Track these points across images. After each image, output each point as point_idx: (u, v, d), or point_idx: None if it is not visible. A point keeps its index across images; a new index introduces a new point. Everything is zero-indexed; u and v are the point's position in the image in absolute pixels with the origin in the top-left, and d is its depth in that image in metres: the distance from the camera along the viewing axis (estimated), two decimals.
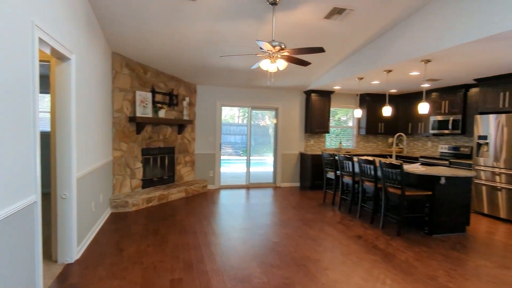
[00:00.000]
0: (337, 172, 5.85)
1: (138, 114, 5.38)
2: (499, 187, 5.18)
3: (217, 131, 7.34)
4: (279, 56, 3.56)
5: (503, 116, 5.13)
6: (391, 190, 4.32)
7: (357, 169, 5.43)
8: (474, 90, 6.17)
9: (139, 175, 5.63)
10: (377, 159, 5.14)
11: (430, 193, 4.21)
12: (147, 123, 5.59)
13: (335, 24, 4.19)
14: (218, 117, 7.32)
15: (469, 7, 3.32)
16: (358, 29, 4.39)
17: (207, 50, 4.97)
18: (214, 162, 7.34)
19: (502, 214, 5.11)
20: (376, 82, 6.20)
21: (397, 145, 8.52)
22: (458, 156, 6.59)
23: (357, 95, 8.28)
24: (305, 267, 3.11)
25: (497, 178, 5.21)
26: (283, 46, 3.44)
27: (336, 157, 5.76)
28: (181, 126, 6.54)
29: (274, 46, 3.38)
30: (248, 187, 7.65)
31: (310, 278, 2.86)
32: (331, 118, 8.11)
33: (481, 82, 5.60)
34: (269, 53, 3.51)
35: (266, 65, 3.59)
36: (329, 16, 3.95)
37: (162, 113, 5.84)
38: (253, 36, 4.41)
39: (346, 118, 8.40)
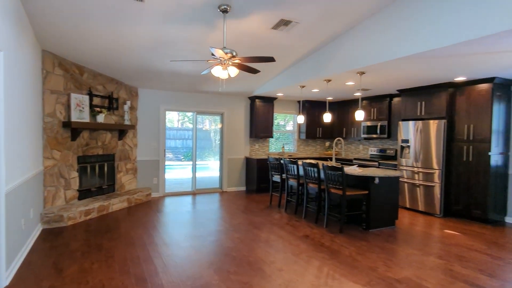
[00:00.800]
0: (283, 175, 6.10)
1: (74, 119, 4.93)
2: (417, 184, 5.95)
3: (161, 136, 7.07)
4: (230, 63, 3.62)
5: (420, 122, 5.93)
6: (333, 191, 4.67)
7: (301, 172, 5.74)
8: (396, 99, 7.01)
9: (74, 185, 5.14)
10: (320, 162, 5.50)
11: (366, 192, 4.66)
12: (83, 128, 5.14)
13: (281, 35, 4.40)
14: (162, 122, 7.07)
15: (396, 29, 3.80)
16: (302, 41, 4.67)
17: (153, 53, 4.79)
18: (158, 169, 7.05)
19: (421, 207, 5.89)
20: (316, 90, 6.64)
21: (332, 148, 9.19)
22: (385, 158, 7.40)
23: (298, 101, 8.75)
24: (261, 270, 3.19)
25: (416, 176, 5.99)
26: (234, 54, 3.51)
27: (282, 161, 6.01)
28: (122, 131, 6.16)
29: (226, 53, 3.42)
30: (195, 193, 7.51)
31: (267, 280, 2.95)
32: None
33: (402, 92, 6.39)
34: (221, 60, 3.55)
35: (218, 71, 3.62)
36: (276, 27, 4.14)
37: (101, 118, 5.43)
38: (203, 41, 4.40)
39: (284, 122, 8.78)
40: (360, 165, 7.47)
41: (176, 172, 9.29)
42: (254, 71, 4.00)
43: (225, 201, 6.65)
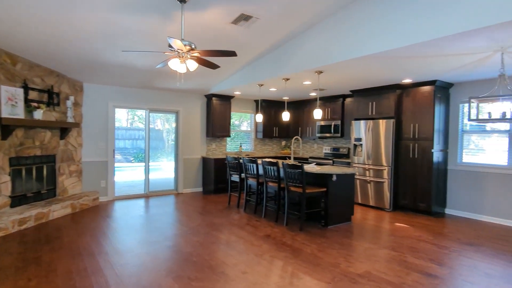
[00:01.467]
0: (242, 174, 6.00)
1: (5, 115, 4.31)
2: (368, 180, 6.26)
3: (109, 136, 6.53)
4: (188, 56, 3.42)
5: (371, 122, 6.24)
6: (293, 189, 4.69)
7: (261, 171, 5.69)
8: (349, 100, 7.31)
9: (6, 191, 4.50)
10: (280, 161, 5.50)
11: (325, 189, 4.75)
12: (17, 126, 4.53)
13: (241, 30, 4.29)
14: (111, 120, 6.54)
15: (354, 30, 3.91)
16: (262, 37, 4.62)
17: (101, 44, 4.38)
18: (106, 171, 6.51)
19: (371, 202, 6.20)
20: (273, 89, 6.65)
21: (289, 147, 9.34)
22: (338, 156, 7.67)
23: (255, 101, 8.72)
24: (224, 274, 3.05)
25: (367, 173, 6.29)
26: (193, 46, 3.32)
27: (241, 160, 5.91)
28: (64, 130, 5.56)
29: (185, 45, 3.22)
30: (148, 196, 7.08)
31: (231, 285, 2.82)
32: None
33: (355, 93, 6.67)
34: (179, 52, 3.33)
35: (176, 65, 3.40)
36: (236, 21, 4.03)
37: (38, 114, 4.84)
38: (158, 33, 4.12)
39: (239, 122, 8.68)
40: (316, 163, 7.65)
41: (127, 174, 8.71)
42: (214, 66, 3.84)
43: (182, 203, 6.36)
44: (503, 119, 3.43)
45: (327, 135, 7.73)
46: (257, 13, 3.84)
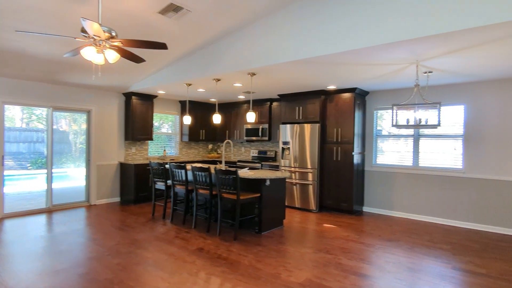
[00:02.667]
0: (168, 181, 5.49)
1: None
2: (295, 183, 6.41)
3: None
4: (107, 45, 2.89)
5: (298, 126, 6.41)
6: (226, 196, 4.43)
7: (190, 177, 5.28)
8: (276, 104, 7.41)
9: None
10: (211, 166, 5.18)
11: (258, 194, 4.62)
12: None
13: (169, 22, 3.87)
14: (0, 119, 5.29)
15: (289, 33, 3.87)
16: (192, 32, 4.26)
17: None
18: None
19: (298, 204, 6.35)
20: (202, 90, 6.29)
21: (216, 151, 9.05)
22: (266, 159, 7.72)
23: (181, 101, 8.19)
24: None
25: (294, 175, 6.43)
26: (114, 34, 2.82)
27: (167, 166, 5.39)
28: None
29: (103, 32, 2.70)
30: (51, 210, 5.94)
31: None
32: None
33: (283, 97, 6.77)
34: (95, 39, 2.78)
35: (91, 54, 2.83)
36: (164, 12, 3.61)
37: None
38: (68, 14, 3.41)
39: (159, 124, 8.03)
40: (243, 167, 7.54)
41: (22, 184, 7.21)
42: (138, 59, 3.34)
43: (95, 217, 5.50)
44: (419, 125, 3.80)
45: (255, 138, 7.71)
46: (188, 4, 3.49)
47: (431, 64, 3.94)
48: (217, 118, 5.40)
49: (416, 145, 5.76)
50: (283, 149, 6.68)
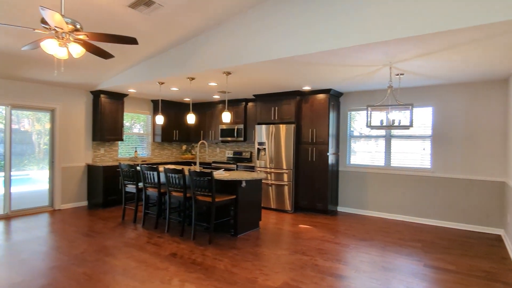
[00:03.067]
0: (139, 184, 5.25)
1: None
2: (270, 184, 6.37)
3: None
4: (71, 38, 2.68)
5: (274, 126, 6.38)
6: (201, 198, 4.30)
7: (163, 180, 5.09)
8: (251, 104, 7.35)
9: None
10: (185, 168, 5.01)
11: (234, 196, 4.53)
12: None
13: (140, 17, 3.69)
14: None
15: (262, 32, 3.81)
16: (165, 29, 4.09)
17: None
18: None
19: (273, 205, 6.32)
20: (175, 88, 6.10)
21: (190, 152, 8.84)
22: (241, 160, 7.63)
23: (153, 101, 7.92)
24: None
25: (269, 176, 6.40)
26: (78, 26, 2.62)
27: (138, 168, 5.16)
28: None
29: (66, 23, 2.49)
30: (10, 216, 5.50)
31: None
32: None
33: (257, 97, 6.72)
34: (57, 31, 2.56)
35: (52, 47, 2.61)
36: (134, 5, 3.44)
37: None
38: (25, 4, 3.14)
39: (130, 124, 7.73)
40: (218, 168, 7.41)
41: None
42: (106, 55, 3.14)
43: (60, 223, 5.15)
44: (392, 126, 3.87)
45: (230, 139, 7.60)
46: None
47: (403, 66, 4.03)
48: (191, 118, 5.24)
49: (388, 145, 5.91)
50: (258, 149, 6.63)
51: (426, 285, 3.06)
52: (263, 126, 6.54)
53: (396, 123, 3.91)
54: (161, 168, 5.04)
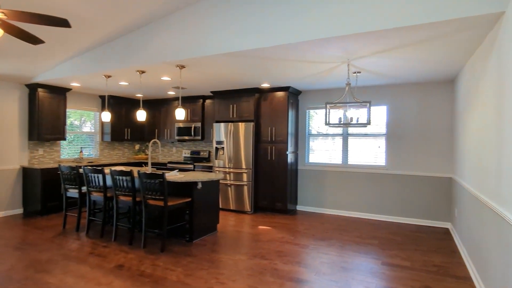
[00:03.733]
0: (83, 188, 4.73)
1: None
2: (229, 184, 6.15)
3: None
4: None
5: (232, 124, 6.15)
6: (152, 202, 3.95)
7: (110, 183, 4.63)
8: (209, 101, 7.06)
9: None
10: (135, 169, 4.60)
11: (189, 199, 4.23)
12: None
13: (79, 0, 3.26)
14: None
15: (218, 24, 3.57)
16: (110, 14, 3.68)
17: None
18: None
19: (233, 206, 6.11)
20: (125, 83, 5.61)
21: (144, 151, 8.31)
22: (199, 160, 7.31)
23: (101, 96, 7.28)
24: None
25: (228, 176, 6.17)
26: None
27: (81, 170, 4.64)
28: None
29: None
30: None
31: None
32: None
33: (216, 94, 6.45)
34: None
35: None
36: None
37: None
38: None
39: (81, 123, 7.08)
40: (175, 169, 7.02)
41: None
42: (34, 40, 2.70)
43: None
44: (350, 123, 3.85)
45: (187, 138, 7.23)
46: None
47: (360, 64, 4.03)
48: (141, 115, 4.83)
49: (345, 144, 5.98)
50: (216, 149, 6.36)
51: (384, 284, 3.04)
52: (222, 124, 6.29)
53: (354, 121, 3.89)
54: (107, 170, 4.58)
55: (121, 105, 7.44)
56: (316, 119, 6.37)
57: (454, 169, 4.84)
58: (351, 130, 5.92)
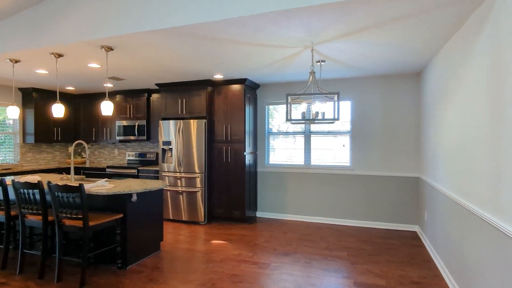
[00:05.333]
0: None
1: None
2: (180, 191, 5.33)
3: None
4: None
5: (182, 122, 5.34)
6: (69, 222, 3.05)
7: (13, 197, 3.60)
8: (155, 96, 6.16)
9: None
10: (48, 179, 3.61)
11: (121, 215, 3.37)
12: None
13: None
14: None
15: None
16: None
17: None
18: None
19: (185, 216, 5.30)
20: (43, 71, 4.54)
21: (79, 154, 7.14)
22: (145, 163, 6.38)
23: (21, 89, 6.03)
24: None
25: (179, 182, 5.35)
26: None
27: None
28: None
29: None
30: None
31: None
32: None
33: (162, 87, 5.57)
34: None
35: None
36: None
37: None
38: None
39: (0, 120, 5.85)
40: (115, 175, 6.01)
41: None
42: None
43: None
44: (316, 119, 3.26)
45: (131, 138, 6.26)
46: None
47: (325, 50, 3.46)
48: (57, 110, 3.83)
49: (307, 143, 5.45)
50: (164, 150, 5.50)
51: None
52: (170, 122, 5.43)
53: (320, 116, 3.31)
54: (8, 181, 3.54)
55: (47, 100, 6.24)
56: (276, 117, 5.76)
57: (421, 168, 4.50)
58: (314, 127, 5.40)
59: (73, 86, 5.84)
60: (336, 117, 3.17)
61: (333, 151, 5.30)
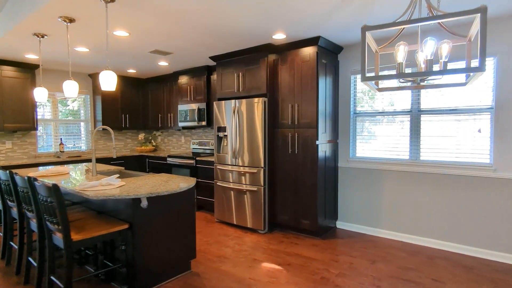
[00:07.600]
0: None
1: None
2: (236, 189, 4.24)
3: None
4: None
5: (237, 102, 4.20)
6: (55, 233, 2.28)
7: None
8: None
9: None
10: (31, 174, 3.00)
11: (126, 226, 2.45)
12: None
13: None
14: None
15: None
16: None
17: None
18: None
19: (237, 221, 4.21)
20: (84, 48, 4.02)
21: (150, 142, 6.85)
22: (206, 153, 5.56)
23: (90, 75, 5.92)
24: None
25: (232, 177, 4.27)
26: None
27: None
28: None
29: None
30: None
31: None
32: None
33: (217, 61, 4.56)
34: None
35: None
36: None
37: None
38: None
39: (76, 107, 5.83)
40: (175, 165, 5.37)
41: None
42: None
43: None
44: (431, 73, 1.61)
45: (192, 124, 5.50)
46: None
47: None
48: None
49: (414, 127, 3.64)
50: (219, 138, 4.53)
51: None
52: (224, 103, 4.39)
53: (438, 68, 1.66)
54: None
55: (132, 86, 6.02)
56: (366, 91, 4.08)
57: None
58: (425, 102, 3.54)
59: (134, 68, 5.38)
60: (477, 67, 1.48)
61: (457, 140, 3.37)
